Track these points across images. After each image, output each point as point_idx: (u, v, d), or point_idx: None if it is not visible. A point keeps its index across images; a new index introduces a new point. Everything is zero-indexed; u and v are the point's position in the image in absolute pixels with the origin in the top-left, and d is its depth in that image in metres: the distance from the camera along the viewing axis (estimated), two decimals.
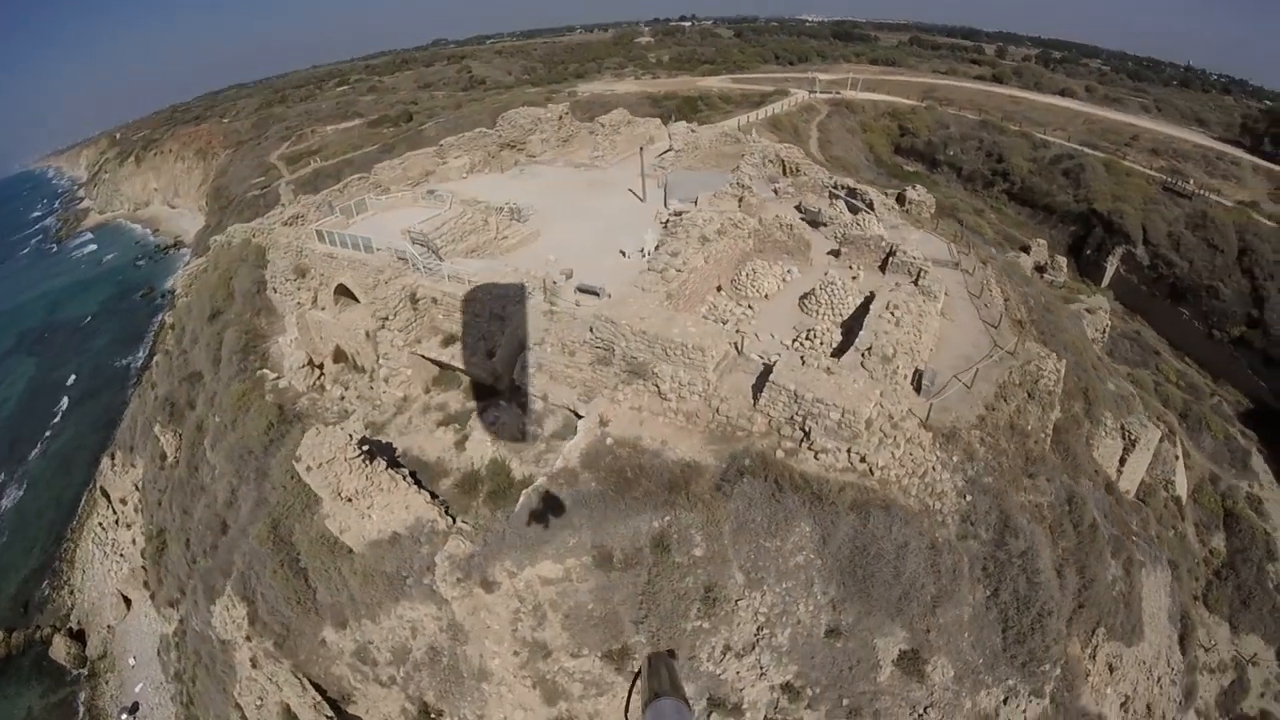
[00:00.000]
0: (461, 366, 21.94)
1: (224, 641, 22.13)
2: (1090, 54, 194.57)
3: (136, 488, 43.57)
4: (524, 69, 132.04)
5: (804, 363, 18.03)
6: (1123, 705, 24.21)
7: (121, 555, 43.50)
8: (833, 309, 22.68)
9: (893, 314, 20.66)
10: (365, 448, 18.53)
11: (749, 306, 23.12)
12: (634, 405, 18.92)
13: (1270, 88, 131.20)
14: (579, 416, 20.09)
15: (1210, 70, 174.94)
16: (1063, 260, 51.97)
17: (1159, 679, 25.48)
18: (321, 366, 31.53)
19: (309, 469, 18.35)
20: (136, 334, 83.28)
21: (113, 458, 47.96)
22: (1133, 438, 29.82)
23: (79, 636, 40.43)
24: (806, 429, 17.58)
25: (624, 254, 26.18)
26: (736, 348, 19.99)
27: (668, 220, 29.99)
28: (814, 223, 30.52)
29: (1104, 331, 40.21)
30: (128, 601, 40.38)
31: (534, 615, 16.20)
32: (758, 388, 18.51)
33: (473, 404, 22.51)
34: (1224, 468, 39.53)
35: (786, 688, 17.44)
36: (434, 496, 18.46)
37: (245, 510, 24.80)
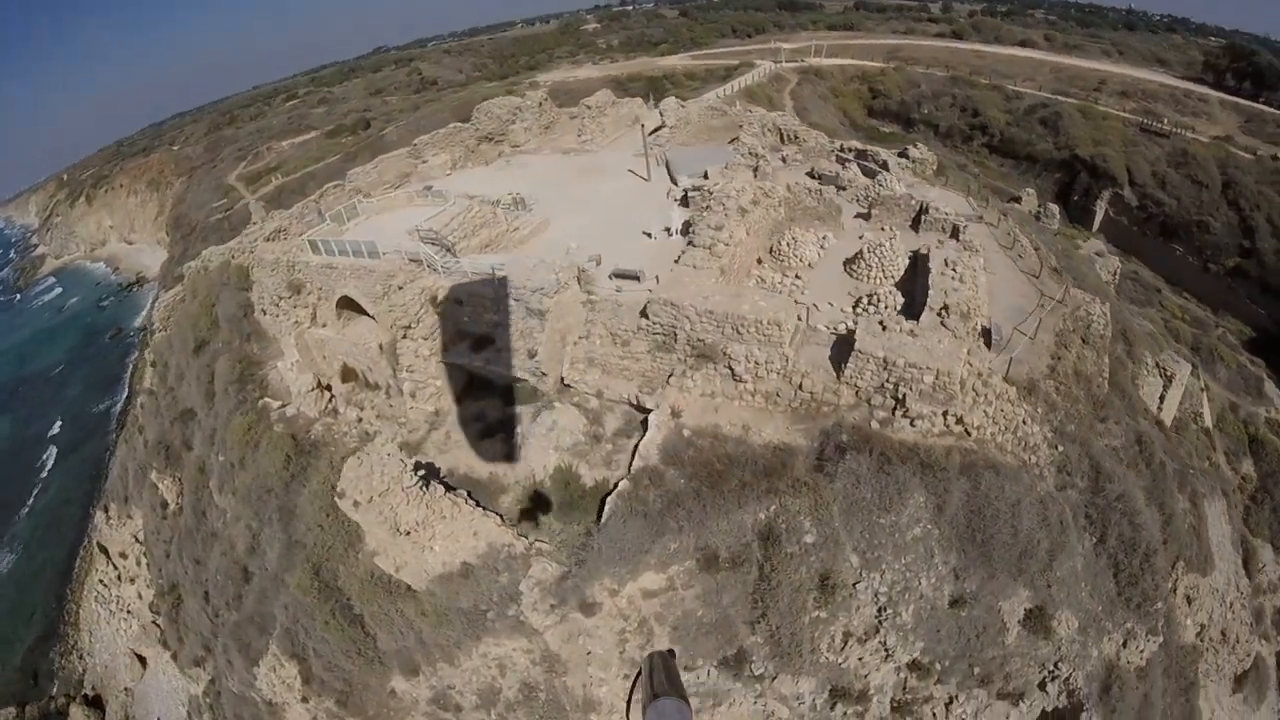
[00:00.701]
0: (502, 370, 20.19)
1: (272, 704, 20.20)
2: (1033, 4, 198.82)
3: (137, 540, 41.09)
4: (474, 66, 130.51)
5: (884, 328, 17.04)
6: (1198, 635, 24.27)
7: (129, 612, 40.86)
8: (883, 271, 21.82)
9: (955, 271, 19.83)
10: (420, 473, 16.78)
11: (796, 276, 22.02)
12: (705, 391, 17.71)
13: (1212, 23, 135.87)
14: (642, 410, 18.77)
15: (1152, 11, 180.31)
16: (1055, 208, 52.34)
17: (1230, 605, 25.65)
18: (329, 388, 29.50)
19: (357, 504, 16.59)
20: (111, 377, 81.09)
21: (106, 510, 45.26)
22: (1169, 374, 29.90)
23: (96, 703, 38.24)
24: (900, 395, 16.66)
25: (649, 235, 24.80)
26: (800, 319, 18.91)
27: (684, 196, 28.75)
28: (834, 187, 29.61)
29: (1115, 274, 40.49)
30: (142, 661, 37.96)
31: (640, 632, 14.94)
32: (837, 359, 17.49)
33: (514, 409, 20.79)
34: (1240, 396, 40.35)
35: (914, 665, 16.70)
36: (500, 517, 16.90)
37: (273, 556, 22.78)
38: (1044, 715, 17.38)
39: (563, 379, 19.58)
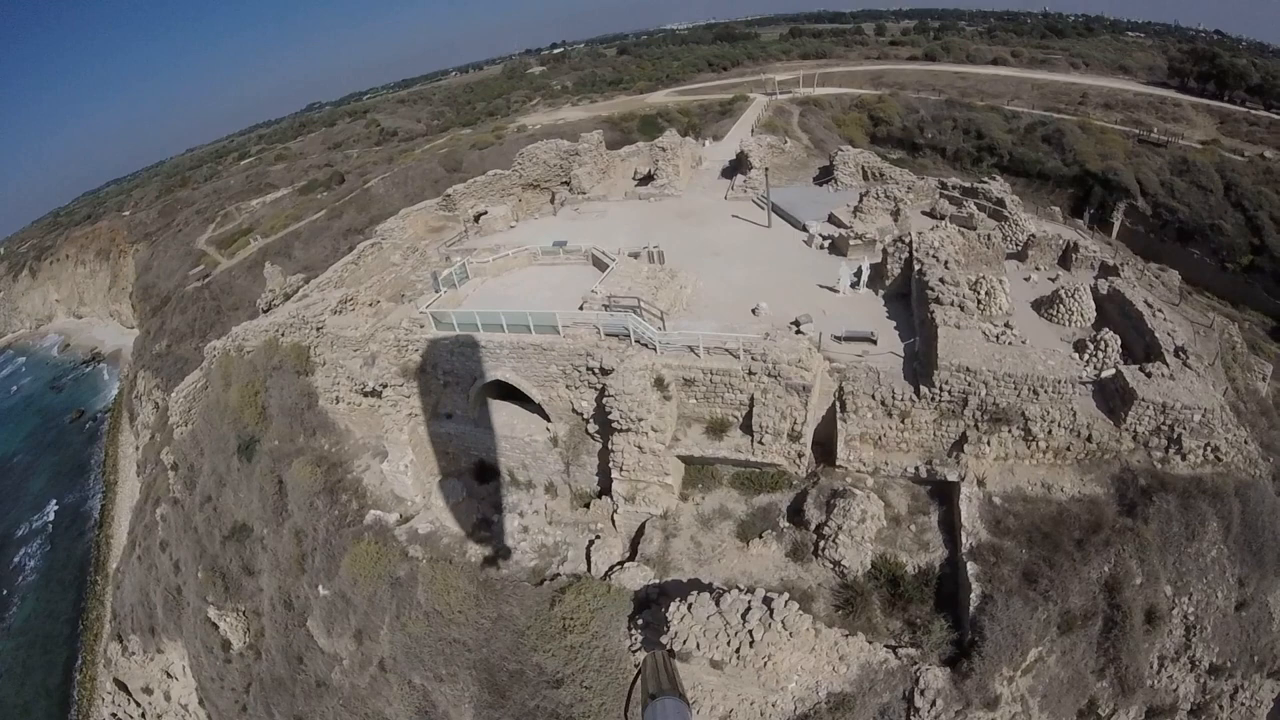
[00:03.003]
0: (755, 458, 21.47)
1: None
2: (955, 16, 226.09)
3: (169, 675, 37.58)
4: (431, 114, 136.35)
5: (1149, 375, 20.04)
6: None
7: None
8: (1082, 315, 25.13)
9: (1157, 313, 23.44)
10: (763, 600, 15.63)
11: (1006, 326, 24.93)
12: (999, 455, 19.94)
13: (1128, 18, 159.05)
14: (923, 483, 20.74)
15: (1066, 12, 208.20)
16: (1081, 224, 59.66)
17: None
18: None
19: (673, 650, 15.26)
20: (78, 466, 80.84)
21: (122, 641, 41.56)
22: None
23: None
24: (1175, 435, 19.52)
25: (835, 290, 26.97)
26: None
27: (831, 244, 31.37)
28: (967, 225, 33.24)
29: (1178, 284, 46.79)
30: None
31: (1025, 713, 16.52)
32: (1110, 408, 20.22)
33: (762, 499, 21.99)
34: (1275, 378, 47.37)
35: (1212, 669, 19.18)
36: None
37: None
38: None
39: (835, 460, 21.21)
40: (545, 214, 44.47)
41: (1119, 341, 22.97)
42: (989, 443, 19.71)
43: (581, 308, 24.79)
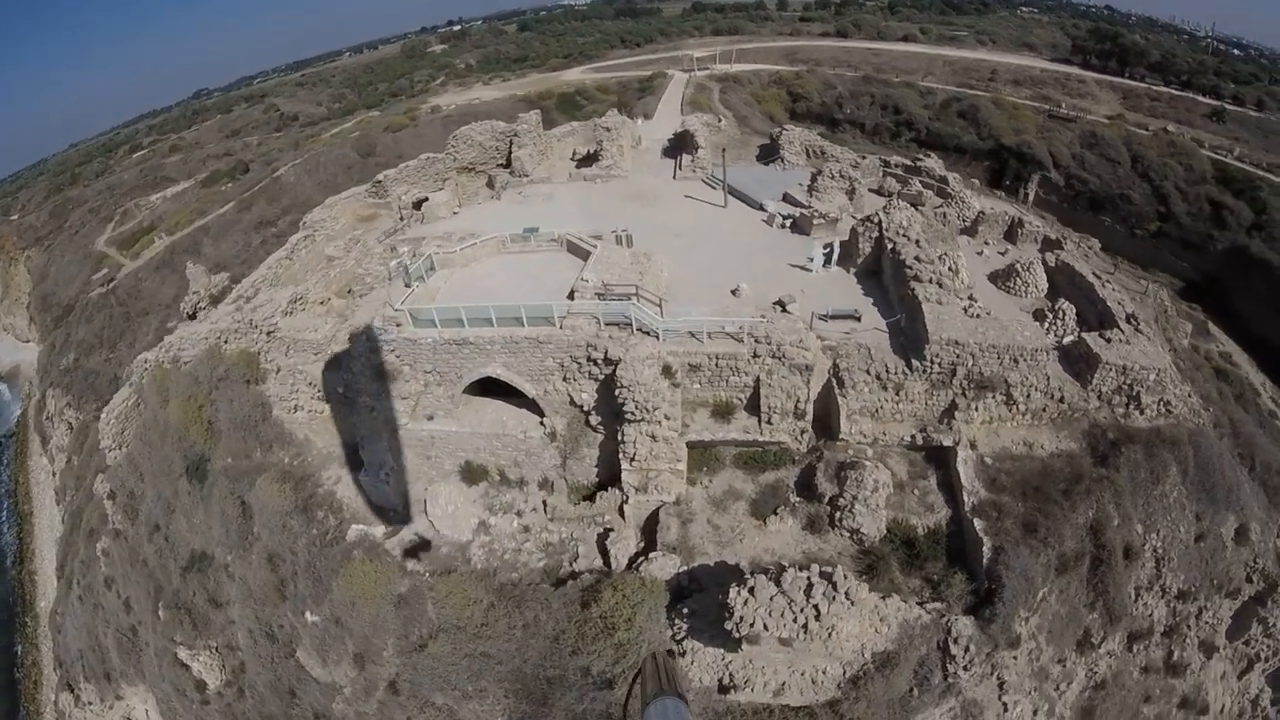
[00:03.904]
0: (764, 438, 23.01)
1: None
2: None
3: None
4: (332, 97, 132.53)
5: (1109, 340, 23.24)
6: None
7: None
8: (1037, 286, 28.40)
9: (1106, 283, 26.98)
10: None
11: (970, 299, 27.75)
12: (984, 419, 22.53)
13: None
14: (919, 450, 23.07)
15: None
16: (1000, 195, 65.58)
17: None
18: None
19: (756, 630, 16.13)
20: None
21: (74, 690, 39.41)
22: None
23: None
24: (1134, 393, 22.85)
25: (807, 269, 28.86)
26: None
27: (793, 223, 33.34)
28: (915, 203, 36.14)
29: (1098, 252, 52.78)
30: None
31: (1038, 647, 19.16)
32: (1075, 371, 23.26)
33: (768, 477, 23.56)
34: (1195, 338, 54.63)
35: (1180, 594, 22.95)
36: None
37: None
38: (1251, 599, 24.48)
39: (834, 435, 23.13)
40: (484, 198, 44.08)
41: (1074, 310, 26.27)
42: (976, 408, 22.25)
43: (572, 297, 25.13)
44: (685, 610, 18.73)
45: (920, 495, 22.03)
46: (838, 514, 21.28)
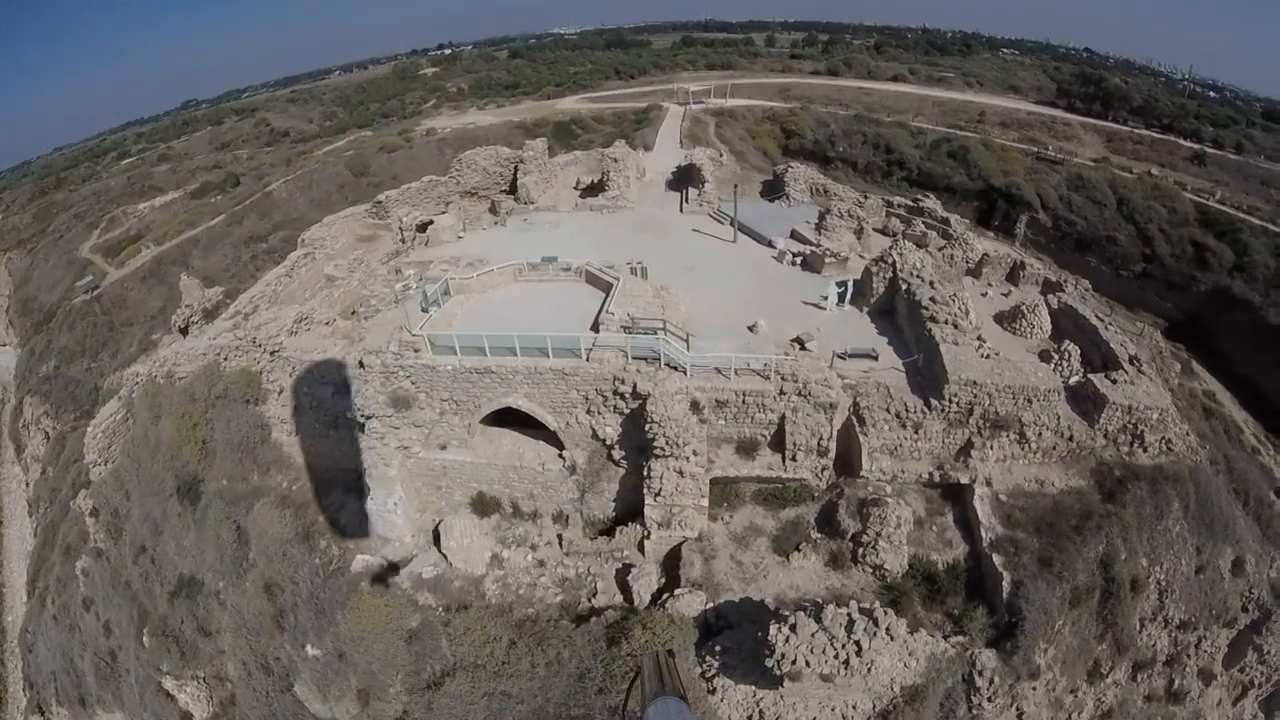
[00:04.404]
0: (787, 475, 24.01)
1: None
2: (839, 30, 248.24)
3: None
4: (323, 115, 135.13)
5: (1115, 381, 24.82)
6: None
7: None
8: (1041, 329, 30.06)
9: (1109, 325, 28.75)
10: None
11: (979, 339, 29.33)
12: (998, 458, 23.84)
13: (1002, 35, 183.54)
14: (934, 487, 24.25)
15: (944, 29, 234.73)
16: (990, 236, 68.50)
17: None
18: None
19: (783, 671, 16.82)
20: None
21: (44, 713, 38.77)
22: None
23: None
24: (1139, 432, 24.37)
25: (821, 307, 30.23)
26: None
27: (803, 260, 34.85)
28: (920, 244, 38.02)
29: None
30: None
31: (1055, 678, 20.19)
32: (1082, 410, 24.73)
33: (789, 513, 24.48)
34: (1180, 376, 57.35)
35: (1181, 625, 24.29)
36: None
37: None
38: (1246, 628, 25.86)
39: (853, 471, 24.22)
40: (487, 224, 44.89)
41: (1079, 352, 27.89)
42: (991, 447, 23.58)
43: (596, 329, 26.09)
44: (718, 648, 19.39)
45: (939, 531, 23.15)
46: (860, 550, 22.26)
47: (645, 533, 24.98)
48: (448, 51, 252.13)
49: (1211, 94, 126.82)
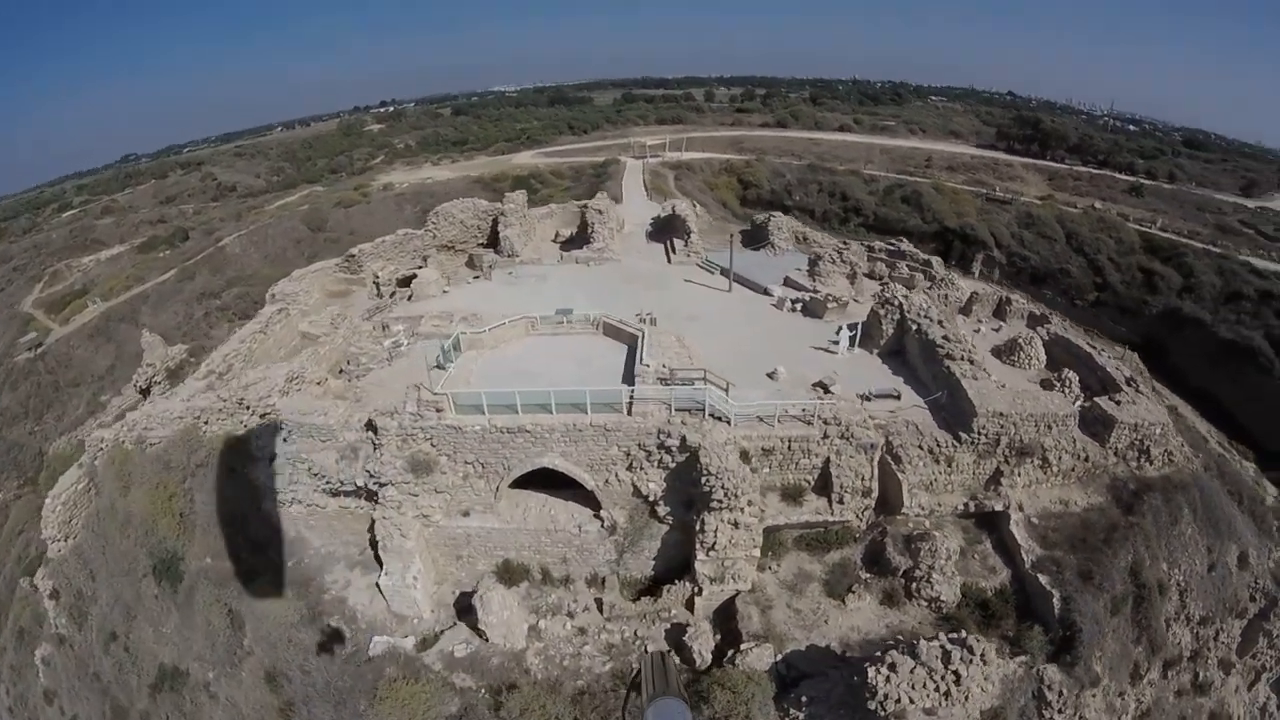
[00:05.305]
0: (834, 518, 25.65)
1: None
2: (772, 84, 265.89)
3: None
4: (271, 170, 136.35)
5: (1119, 403, 27.92)
6: None
7: None
8: (1038, 359, 33.34)
9: (1101, 352, 32.27)
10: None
11: (984, 371, 32.28)
12: (1025, 483, 26.30)
13: (928, 84, 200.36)
14: (967, 517, 26.43)
15: (874, 80, 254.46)
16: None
17: None
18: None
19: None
20: None
21: None
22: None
23: None
24: (1145, 447, 27.43)
25: (831, 351, 32.69)
26: None
27: (804, 306, 37.45)
28: (908, 286, 41.40)
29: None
30: None
31: (1108, 684, 22.20)
32: (1092, 432, 27.63)
33: (834, 556, 25.97)
34: None
35: (1201, 620, 27.05)
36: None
37: None
38: (1256, 616, 28.84)
39: (892, 509, 26.15)
40: (465, 278, 45.88)
41: (1078, 378, 31.10)
42: (1019, 473, 26.05)
43: (630, 382, 26.96)
44: (803, 698, 20.38)
45: (981, 559, 25.21)
46: (913, 584, 24.02)
47: (695, 589, 25.65)
48: (391, 109, 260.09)
49: (1131, 127, 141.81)
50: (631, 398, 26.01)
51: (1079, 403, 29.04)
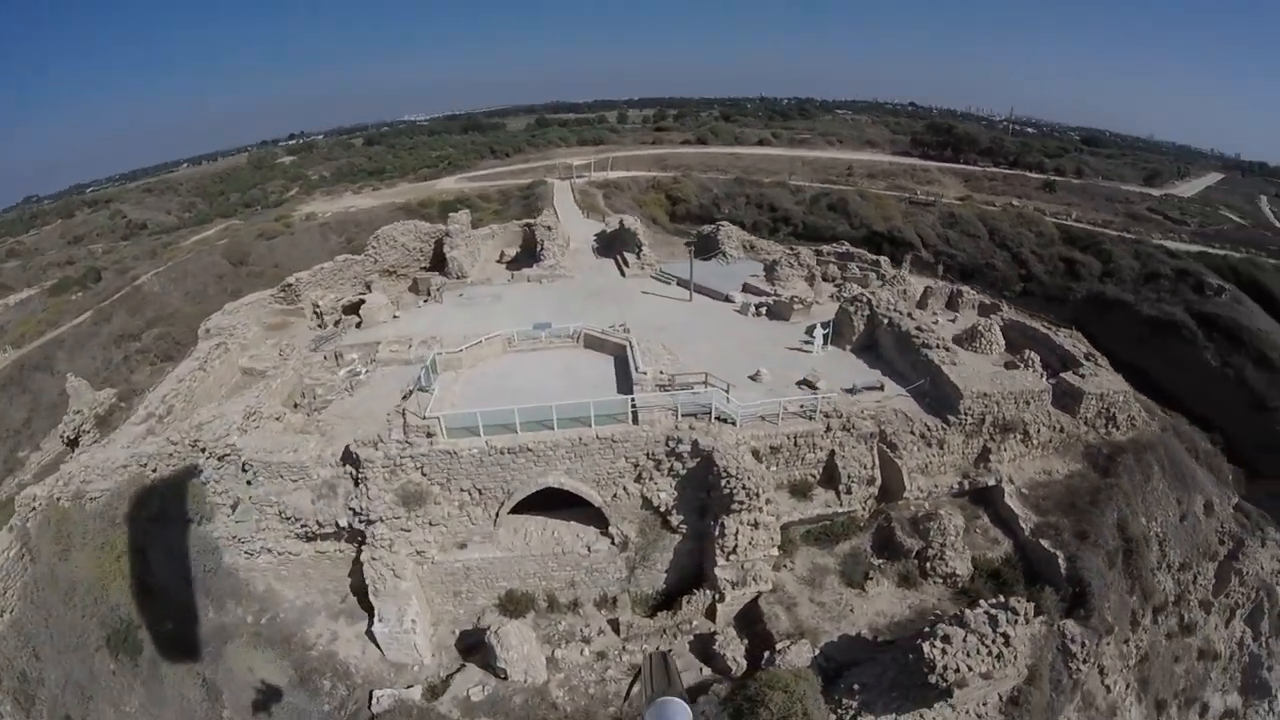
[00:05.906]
0: (843, 510, 26.97)
1: None
2: (681, 105, 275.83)
3: None
4: (182, 206, 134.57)
5: (1084, 376, 30.95)
6: None
7: None
8: (998, 344, 36.33)
9: (1058, 332, 35.56)
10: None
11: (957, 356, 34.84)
12: (1011, 457, 28.70)
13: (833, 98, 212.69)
14: (961, 495, 28.54)
15: (779, 97, 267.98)
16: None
17: None
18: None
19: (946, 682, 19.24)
20: None
21: None
22: None
23: None
24: (1111, 414, 30.53)
25: (806, 350, 34.50)
26: None
27: (769, 309, 39.31)
28: (862, 285, 44.09)
29: None
30: None
31: (1116, 637, 24.47)
32: (1063, 405, 30.46)
33: (843, 548, 27.26)
34: None
35: (1181, 567, 30.19)
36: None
37: None
38: (1226, 557, 32.20)
39: (893, 496, 27.90)
40: (410, 301, 45.96)
41: (1039, 358, 34.10)
42: (1004, 449, 28.42)
43: (629, 391, 27.20)
44: (855, 686, 21.31)
45: (982, 532, 27.31)
46: (927, 564, 25.76)
47: (716, 596, 26.16)
48: (300, 140, 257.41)
49: (1030, 130, 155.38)
50: (635, 406, 26.25)
51: (1045, 379, 31.91)
